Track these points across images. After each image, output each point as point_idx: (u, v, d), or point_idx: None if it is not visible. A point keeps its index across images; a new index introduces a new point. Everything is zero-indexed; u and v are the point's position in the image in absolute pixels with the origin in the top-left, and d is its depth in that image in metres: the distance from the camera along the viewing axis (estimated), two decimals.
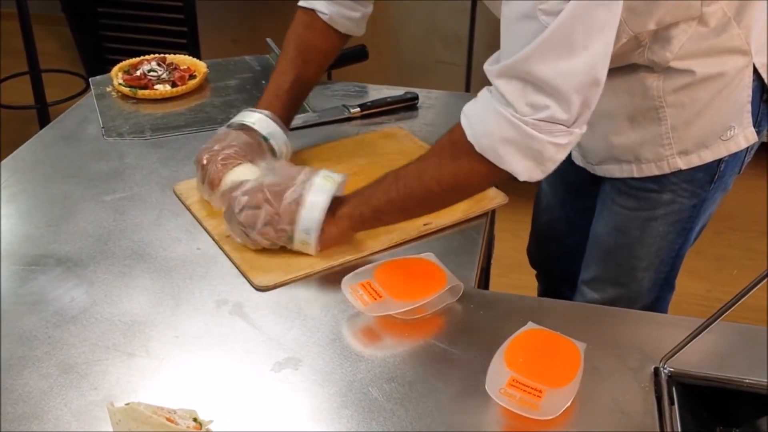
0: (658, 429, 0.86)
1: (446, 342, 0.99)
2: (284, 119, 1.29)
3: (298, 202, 1.07)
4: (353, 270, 1.06)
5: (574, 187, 1.47)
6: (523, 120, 0.95)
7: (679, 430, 0.86)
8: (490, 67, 0.98)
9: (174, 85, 1.58)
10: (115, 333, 0.98)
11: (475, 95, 1.60)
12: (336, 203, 1.10)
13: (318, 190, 1.08)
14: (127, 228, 1.18)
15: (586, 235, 1.41)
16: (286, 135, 1.28)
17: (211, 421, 0.80)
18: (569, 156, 1.37)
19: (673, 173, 1.23)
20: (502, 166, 0.99)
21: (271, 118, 1.26)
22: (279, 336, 0.99)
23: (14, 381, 0.91)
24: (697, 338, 0.90)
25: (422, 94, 1.61)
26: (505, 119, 0.96)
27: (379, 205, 1.09)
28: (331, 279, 1.08)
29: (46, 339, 0.97)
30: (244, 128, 1.24)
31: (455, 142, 1.02)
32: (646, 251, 1.31)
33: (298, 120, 1.49)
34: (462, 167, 1.03)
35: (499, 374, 0.89)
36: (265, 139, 1.24)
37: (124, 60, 1.65)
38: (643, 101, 1.18)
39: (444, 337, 1.00)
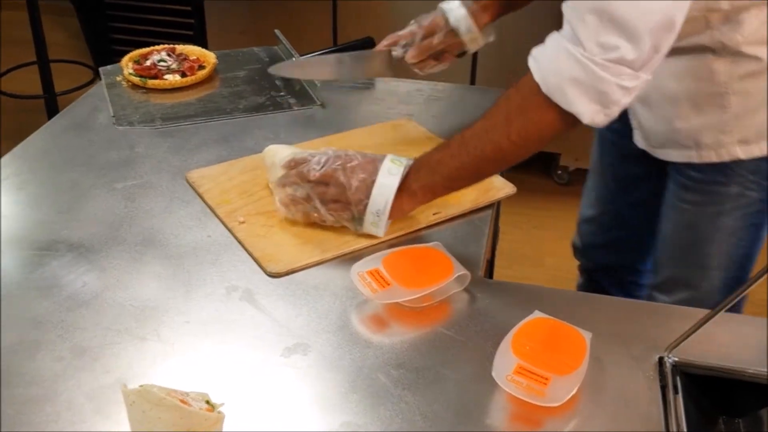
0: (662, 418, 0.88)
1: (453, 329, 1.00)
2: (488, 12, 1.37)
3: (368, 184, 1.08)
4: (363, 257, 1.08)
5: (627, 181, 1.48)
6: (592, 59, 0.96)
7: (683, 419, 0.88)
8: (567, 2, 1.00)
9: (183, 75, 1.59)
10: (127, 317, 0.99)
11: (480, 88, 1.62)
12: (405, 178, 1.10)
13: (387, 172, 1.09)
14: (138, 215, 1.19)
15: (633, 230, 1.42)
16: (480, 29, 1.37)
17: (222, 404, 0.81)
18: (624, 147, 1.38)
19: (737, 163, 1.23)
20: (567, 108, 0.99)
21: (465, 8, 1.35)
22: (288, 322, 1.00)
23: (28, 364, 0.92)
24: (701, 328, 0.91)
25: (429, 87, 1.62)
26: (574, 58, 0.97)
27: (451, 172, 1.10)
28: (341, 267, 1.10)
29: (59, 323, 0.98)
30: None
31: (522, 90, 1.04)
32: (716, 248, 1.30)
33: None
34: (530, 118, 1.04)
35: (506, 361, 0.90)
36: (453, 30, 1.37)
37: (132, 50, 1.65)
38: (709, 87, 1.19)
39: (451, 324, 1.01)
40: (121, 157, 1.35)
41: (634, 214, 1.47)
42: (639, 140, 1.35)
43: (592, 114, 1.00)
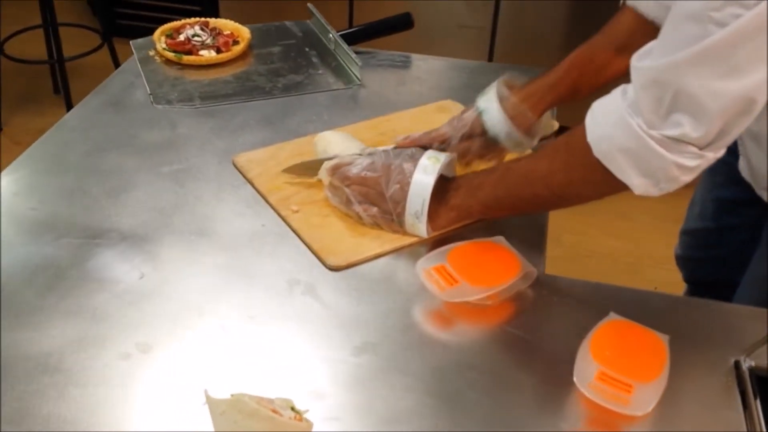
0: (744, 423, 0.86)
1: (523, 330, 0.98)
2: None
3: (404, 187, 1.06)
4: (421, 250, 1.06)
5: (728, 204, 1.39)
6: (649, 134, 0.87)
7: (763, 425, 0.86)
8: (637, 63, 0.89)
9: (218, 50, 1.54)
10: (190, 313, 0.97)
11: (522, 66, 1.47)
12: (447, 190, 1.08)
13: (422, 171, 1.06)
14: (188, 201, 1.16)
15: (735, 248, 1.36)
16: (525, 131, 1.16)
17: (307, 410, 0.79)
18: (735, 170, 1.25)
19: None
20: (618, 176, 0.90)
21: (504, 107, 1.15)
22: (354, 319, 0.98)
23: (93, 361, 0.89)
24: None
25: (469, 65, 1.59)
26: (630, 129, 0.88)
27: (487, 200, 1.06)
28: (401, 260, 1.07)
29: (121, 317, 0.95)
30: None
31: (572, 146, 0.96)
32: None
33: None
34: (574, 175, 0.97)
35: (586, 367, 0.89)
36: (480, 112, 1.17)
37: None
38: None
39: (520, 324, 0.99)
40: (163, 138, 1.30)
41: (737, 235, 1.40)
42: (744, 171, 1.24)
43: (644, 187, 0.90)
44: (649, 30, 1.09)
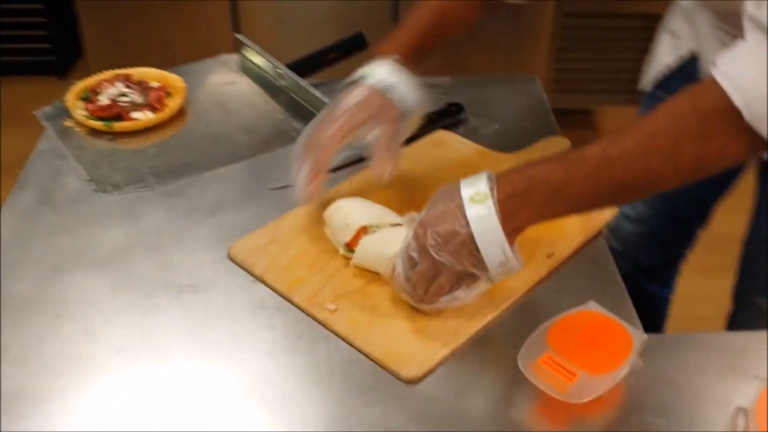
0: None
1: (663, 416, 0.81)
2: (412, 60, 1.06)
3: (470, 252, 0.85)
4: (495, 328, 0.90)
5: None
6: None
7: None
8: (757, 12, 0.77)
9: (153, 109, 1.27)
10: None
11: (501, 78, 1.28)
12: (512, 194, 0.85)
13: (478, 219, 0.83)
14: (194, 321, 0.91)
15: (687, 227, 1.28)
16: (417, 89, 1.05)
17: None
18: None
19: None
20: None
21: (391, 65, 1.03)
22: None
23: None
24: None
25: (439, 81, 1.40)
26: None
27: (581, 197, 0.85)
28: (479, 350, 0.89)
29: None
30: (360, 84, 1.02)
31: (704, 111, 0.81)
32: None
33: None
34: (711, 147, 0.82)
35: None
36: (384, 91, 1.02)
37: None
38: None
39: (655, 409, 0.82)
40: (128, 238, 1.04)
41: (692, 212, 1.32)
42: None
43: None
44: None
